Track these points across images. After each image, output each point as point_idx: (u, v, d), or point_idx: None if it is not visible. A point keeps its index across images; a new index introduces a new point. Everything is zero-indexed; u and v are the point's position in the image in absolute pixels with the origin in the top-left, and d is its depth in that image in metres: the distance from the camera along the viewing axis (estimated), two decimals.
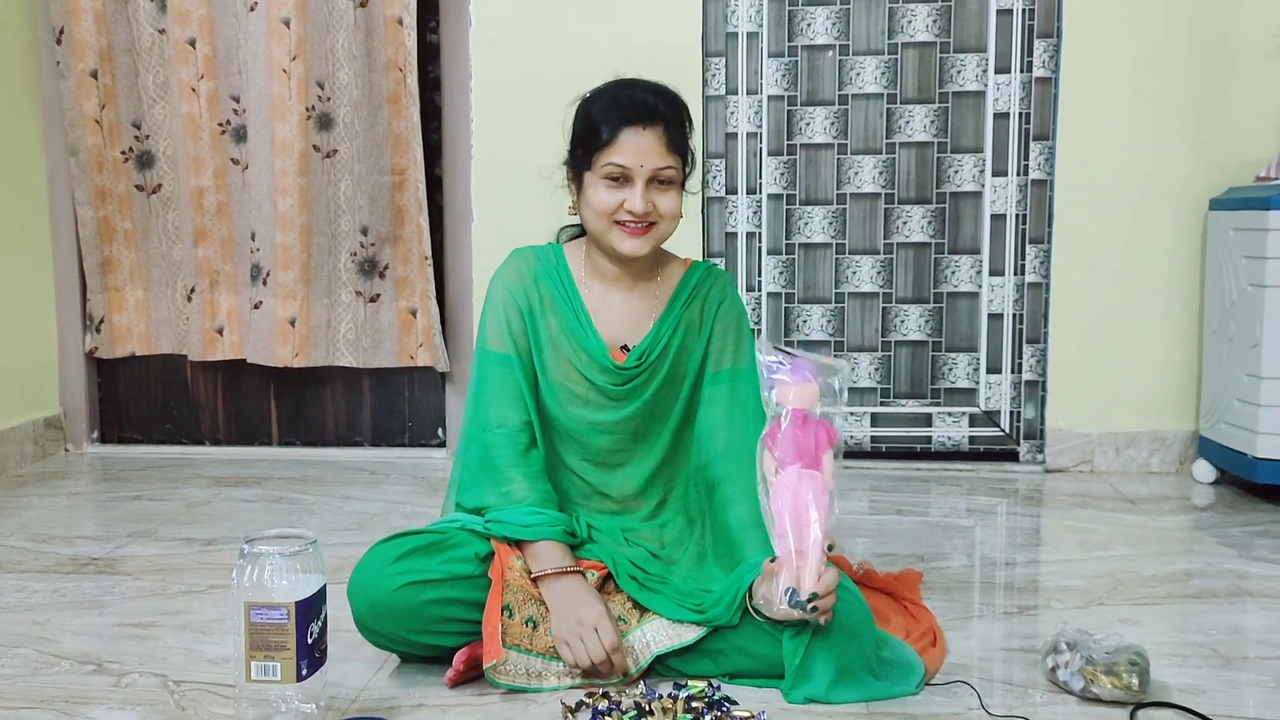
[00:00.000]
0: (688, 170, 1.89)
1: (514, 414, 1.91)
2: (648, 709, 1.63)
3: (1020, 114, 3.22)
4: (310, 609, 1.56)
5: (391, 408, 3.51)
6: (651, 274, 1.97)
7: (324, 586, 1.59)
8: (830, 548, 1.64)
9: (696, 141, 1.92)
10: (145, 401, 3.57)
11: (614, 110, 1.83)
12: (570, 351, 1.93)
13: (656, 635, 1.77)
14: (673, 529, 1.96)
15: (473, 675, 1.76)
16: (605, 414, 1.93)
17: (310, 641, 1.56)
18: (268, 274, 3.32)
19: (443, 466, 3.33)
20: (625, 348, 1.94)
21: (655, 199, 1.83)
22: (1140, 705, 1.67)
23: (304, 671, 1.56)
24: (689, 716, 1.60)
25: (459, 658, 1.75)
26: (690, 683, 1.73)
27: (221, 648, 1.91)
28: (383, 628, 1.76)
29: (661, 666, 1.77)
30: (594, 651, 1.70)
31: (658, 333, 1.94)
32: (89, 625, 2.03)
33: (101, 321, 3.46)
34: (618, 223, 1.84)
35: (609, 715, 1.63)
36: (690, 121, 1.90)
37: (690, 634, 1.76)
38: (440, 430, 3.49)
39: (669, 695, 1.67)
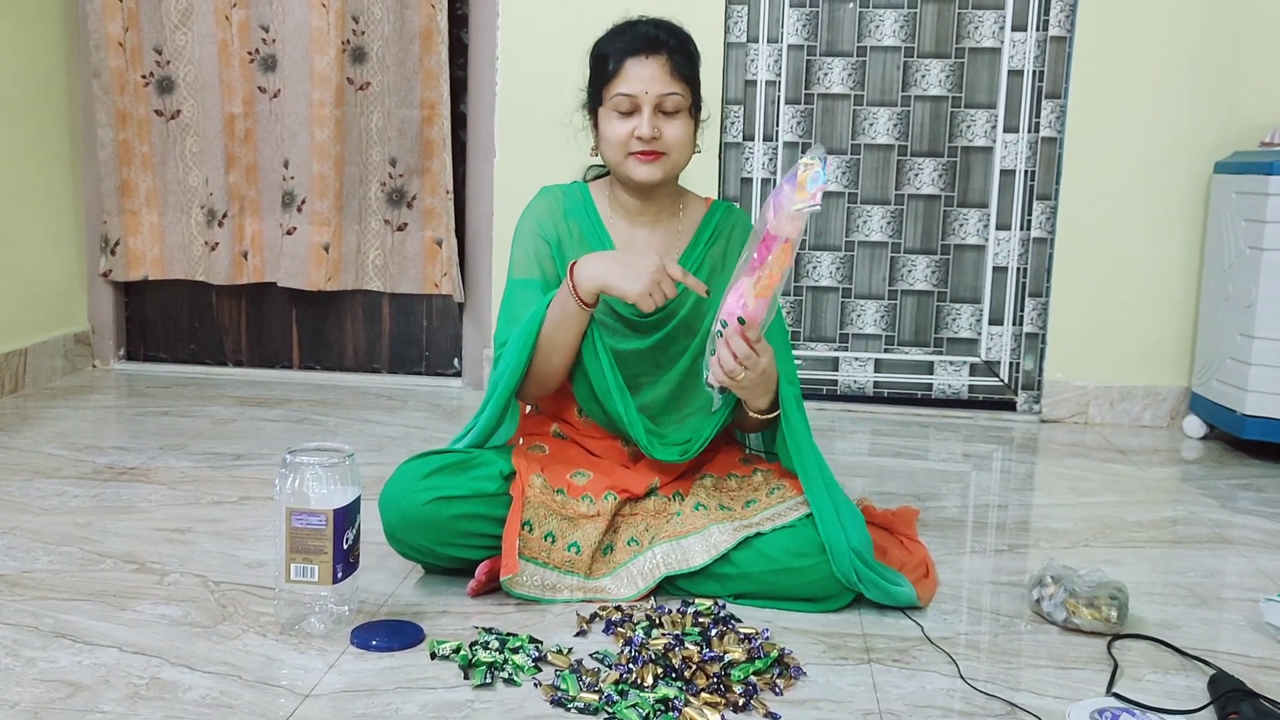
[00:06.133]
0: (697, 100, 1.96)
1: None
2: (658, 621, 1.75)
3: (1034, 72, 3.28)
4: (346, 517, 1.67)
5: (410, 337, 3.61)
6: (673, 210, 2.04)
7: (359, 497, 1.70)
8: (741, 321, 1.76)
9: (716, 87, 1.99)
10: (171, 322, 3.67)
11: (618, 43, 1.92)
12: None
13: (667, 557, 1.88)
14: (691, 433, 2.04)
15: (493, 586, 1.87)
16: (628, 343, 2.00)
17: (345, 547, 1.67)
18: (303, 201, 3.41)
19: (458, 395, 3.44)
20: None
21: (662, 126, 1.91)
22: (1117, 636, 1.79)
23: (339, 575, 1.67)
24: (696, 630, 1.72)
25: (481, 569, 1.86)
26: (698, 600, 1.84)
27: (256, 553, 2.03)
28: (411, 539, 1.86)
29: (671, 587, 1.88)
30: (668, 289, 1.83)
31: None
32: (129, 529, 2.15)
33: (117, 244, 3.54)
34: (631, 152, 1.92)
35: (621, 626, 1.74)
36: (696, 52, 1.97)
37: (698, 559, 1.86)
38: (456, 360, 3.59)
39: (677, 610, 1.79)
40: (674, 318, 2.00)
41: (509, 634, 1.69)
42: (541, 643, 1.67)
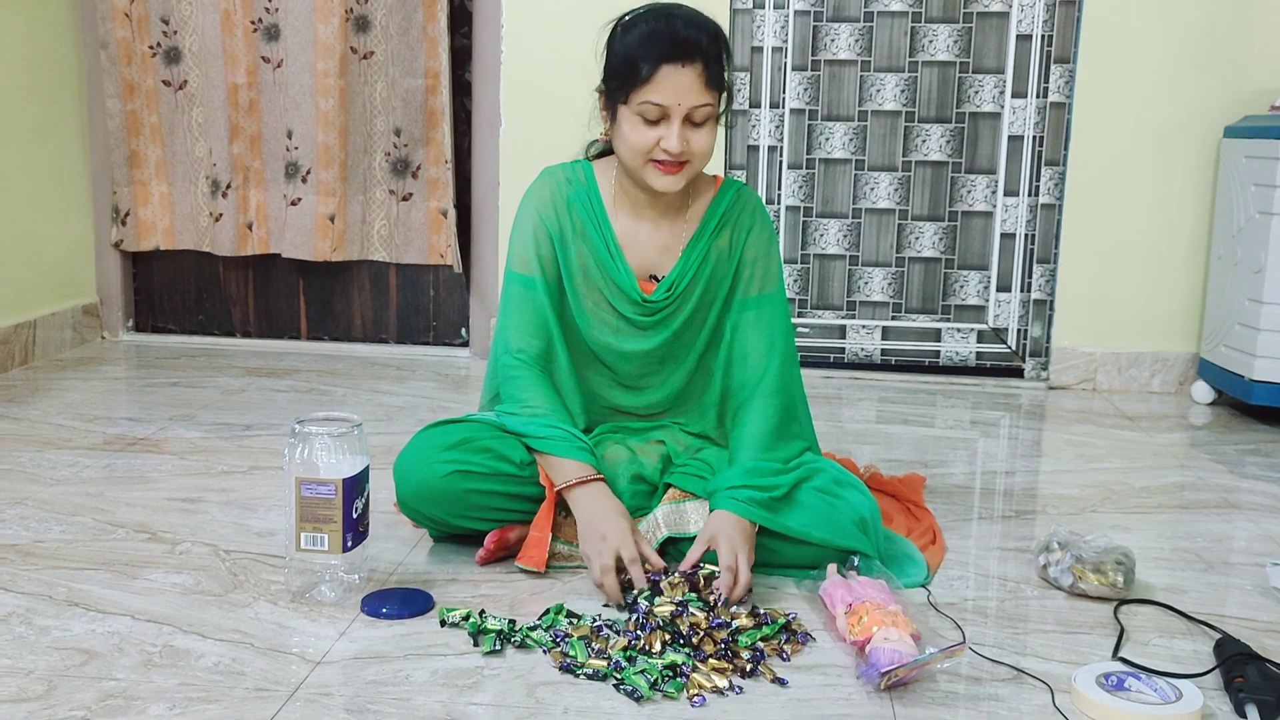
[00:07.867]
0: (724, 105, 1.87)
1: (534, 340, 1.95)
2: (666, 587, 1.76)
3: (1043, 36, 3.26)
4: (355, 486, 1.68)
5: (417, 307, 3.61)
6: (682, 200, 1.97)
7: (368, 466, 1.70)
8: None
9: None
10: (179, 293, 3.67)
11: (653, 45, 1.79)
12: (601, 282, 1.96)
13: (667, 518, 1.88)
14: (694, 429, 2.05)
15: (501, 555, 1.87)
16: (633, 343, 1.98)
17: (355, 516, 1.68)
18: (308, 171, 3.41)
19: (466, 365, 3.44)
20: (654, 277, 1.97)
21: (689, 136, 1.81)
22: (1124, 602, 1.79)
23: (349, 543, 1.68)
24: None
25: (490, 538, 1.86)
26: (704, 565, 1.84)
27: (266, 522, 2.04)
28: (425, 509, 1.86)
29: (675, 551, 1.88)
30: (606, 565, 1.73)
31: (685, 263, 1.96)
32: (140, 498, 2.16)
33: (127, 215, 3.54)
34: (653, 160, 1.84)
35: (630, 593, 1.75)
36: (729, 55, 1.87)
37: (694, 526, 1.86)
38: (464, 330, 3.60)
39: (685, 575, 1.79)
40: (678, 317, 1.97)
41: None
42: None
